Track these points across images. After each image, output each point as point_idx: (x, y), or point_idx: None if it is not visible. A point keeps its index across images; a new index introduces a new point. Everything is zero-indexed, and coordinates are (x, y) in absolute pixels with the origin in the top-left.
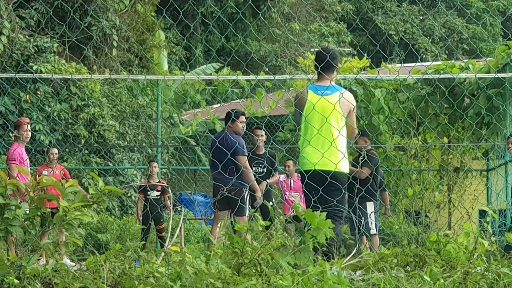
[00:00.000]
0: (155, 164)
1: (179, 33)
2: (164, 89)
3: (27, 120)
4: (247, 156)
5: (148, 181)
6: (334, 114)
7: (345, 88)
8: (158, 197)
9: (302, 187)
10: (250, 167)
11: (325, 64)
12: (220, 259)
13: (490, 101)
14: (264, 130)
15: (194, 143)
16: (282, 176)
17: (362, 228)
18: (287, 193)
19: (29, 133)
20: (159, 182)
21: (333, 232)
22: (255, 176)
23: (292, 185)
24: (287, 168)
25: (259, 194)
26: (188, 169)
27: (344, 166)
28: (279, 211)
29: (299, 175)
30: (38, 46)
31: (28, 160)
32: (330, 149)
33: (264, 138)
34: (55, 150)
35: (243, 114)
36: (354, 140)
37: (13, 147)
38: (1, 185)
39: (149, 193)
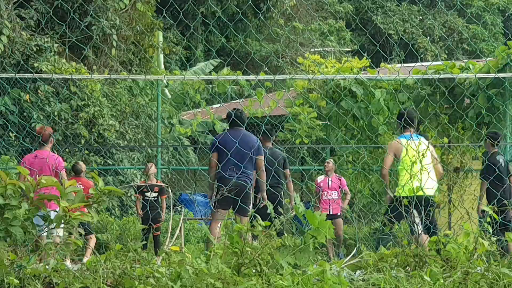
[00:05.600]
0: (151, 164)
1: (179, 33)
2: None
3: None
4: None
5: (146, 182)
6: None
7: (345, 88)
8: (156, 198)
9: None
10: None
11: (408, 122)
12: (220, 259)
13: (490, 101)
14: (265, 130)
15: (190, 144)
16: (320, 177)
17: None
18: (325, 192)
19: None
20: (157, 183)
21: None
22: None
23: (329, 184)
24: (326, 165)
25: (264, 195)
26: (188, 169)
27: (434, 191)
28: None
29: (338, 175)
30: (38, 45)
31: None
32: (426, 178)
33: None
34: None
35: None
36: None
37: (56, 155)
38: (1, 185)
39: (147, 194)
